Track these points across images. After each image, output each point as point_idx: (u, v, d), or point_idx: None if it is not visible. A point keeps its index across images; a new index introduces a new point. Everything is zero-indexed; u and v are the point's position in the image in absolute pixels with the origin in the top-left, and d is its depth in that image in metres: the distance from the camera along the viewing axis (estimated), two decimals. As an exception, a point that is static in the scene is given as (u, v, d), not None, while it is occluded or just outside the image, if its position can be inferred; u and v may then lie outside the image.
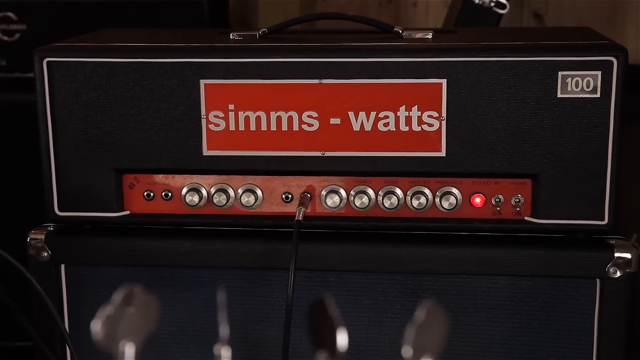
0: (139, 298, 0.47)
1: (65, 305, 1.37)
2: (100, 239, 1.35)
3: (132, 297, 0.47)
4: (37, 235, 1.35)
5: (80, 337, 1.37)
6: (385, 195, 1.30)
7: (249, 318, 1.34)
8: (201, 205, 1.34)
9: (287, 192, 1.33)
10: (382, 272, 1.30)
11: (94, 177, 1.32)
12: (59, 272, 1.36)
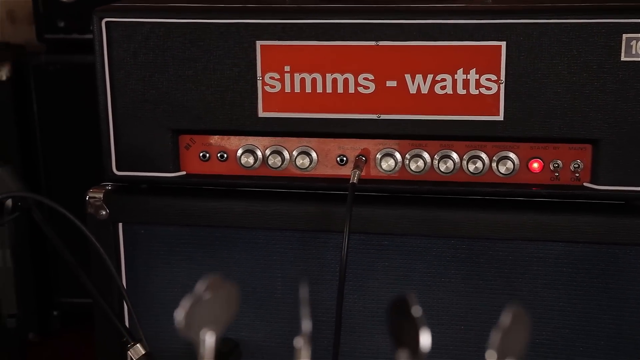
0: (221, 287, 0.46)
1: (122, 262, 1.38)
2: (157, 198, 1.35)
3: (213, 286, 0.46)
4: (96, 194, 1.35)
5: (137, 294, 1.38)
6: (440, 159, 1.28)
7: (303, 279, 1.33)
8: (256, 166, 1.33)
9: (342, 154, 1.31)
10: (436, 237, 1.28)
11: (151, 137, 1.32)
12: (116, 231, 1.37)
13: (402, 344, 0.43)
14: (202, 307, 0.45)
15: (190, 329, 0.44)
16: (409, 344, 0.43)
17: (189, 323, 0.44)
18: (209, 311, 0.45)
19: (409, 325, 0.43)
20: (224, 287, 0.46)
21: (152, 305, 1.39)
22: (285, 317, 1.35)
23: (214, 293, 0.45)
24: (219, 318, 0.46)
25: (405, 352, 0.43)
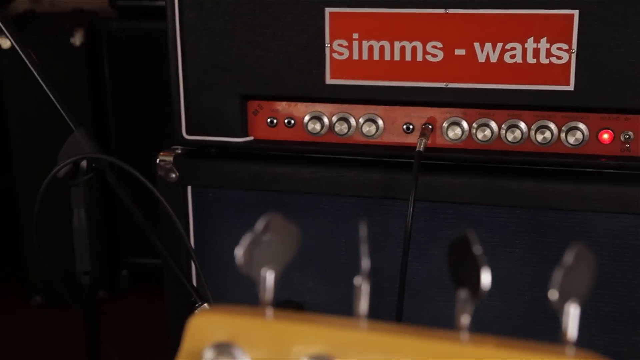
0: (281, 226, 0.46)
1: (190, 225, 1.40)
2: (225, 163, 1.36)
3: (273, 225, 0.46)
4: (166, 157, 1.37)
5: (204, 256, 1.40)
6: (508, 128, 1.26)
7: (367, 246, 1.33)
8: (322, 133, 1.33)
9: (409, 122, 1.30)
10: (502, 206, 1.27)
11: (220, 102, 1.33)
12: (185, 193, 1.39)
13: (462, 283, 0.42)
14: (261, 245, 0.45)
15: (249, 267, 0.45)
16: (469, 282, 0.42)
17: (248, 261, 0.45)
18: (269, 250, 0.45)
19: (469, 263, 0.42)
20: (284, 226, 0.46)
21: (218, 267, 1.41)
22: (348, 283, 1.35)
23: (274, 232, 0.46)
24: (279, 257, 0.46)
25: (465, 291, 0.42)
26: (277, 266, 0.46)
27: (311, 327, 0.43)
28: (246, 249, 0.45)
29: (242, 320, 0.44)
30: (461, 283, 0.43)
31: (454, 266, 0.43)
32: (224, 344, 0.44)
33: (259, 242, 0.45)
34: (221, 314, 0.44)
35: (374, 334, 0.43)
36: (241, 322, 0.44)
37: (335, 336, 0.43)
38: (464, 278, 0.43)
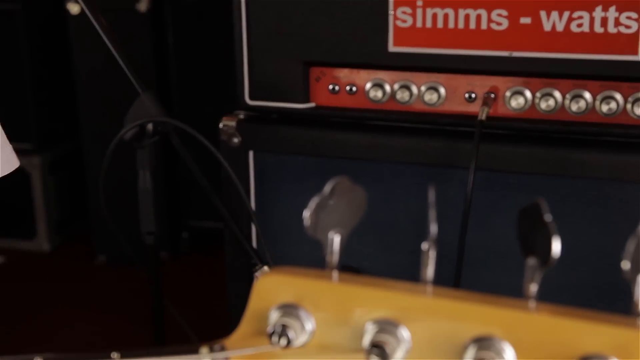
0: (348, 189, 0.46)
1: (251, 189, 1.41)
2: (287, 128, 1.36)
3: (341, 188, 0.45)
4: (229, 122, 1.38)
5: (264, 220, 1.41)
6: (572, 98, 1.22)
7: (425, 214, 1.32)
8: (384, 101, 1.32)
9: (471, 91, 1.28)
10: (563, 177, 1.24)
11: (283, 68, 1.33)
12: (247, 158, 1.39)
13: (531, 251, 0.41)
14: (329, 208, 0.44)
15: (316, 230, 0.44)
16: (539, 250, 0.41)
17: (316, 223, 0.44)
18: (336, 213, 0.45)
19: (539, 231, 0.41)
20: (352, 190, 0.46)
21: (278, 230, 1.41)
22: (406, 250, 1.35)
23: (341, 195, 0.45)
24: (345, 221, 0.46)
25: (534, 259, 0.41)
26: (343, 230, 0.46)
27: (377, 291, 0.42)
28: (314, 211, 0.44)
29: (307, 283, 0.44)
30: (530, 251, 0.42)
31: (524, 234, 0.42)
32: (289, 305, 0.44)
33: (327, 205, 0.45)
34: (287, 275, 0.44)
35: (440, 299, 0.42)
36: (307, 284, 0.44)
37: (401, 301, 0.42)
38: (533, 246, 0.42)
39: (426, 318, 0.42)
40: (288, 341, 0.43)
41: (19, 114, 2.57)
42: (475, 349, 0.40)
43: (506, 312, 0.40)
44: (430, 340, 0.42)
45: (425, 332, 0.42)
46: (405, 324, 0.42)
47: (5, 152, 0.83)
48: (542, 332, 0.40)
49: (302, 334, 0.43)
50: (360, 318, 0.42)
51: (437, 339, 0.42)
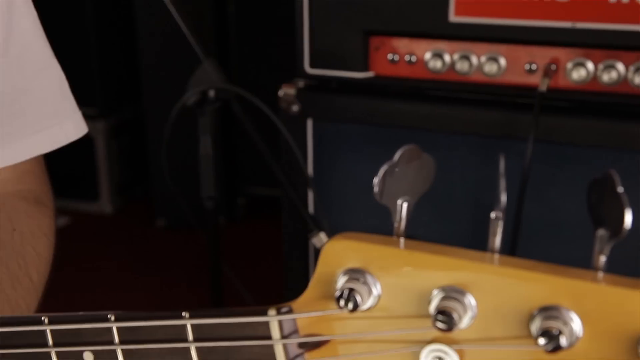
0: (417, 157, 0.45)
1: (309, 156, 1.41)
2: (345, 97, 1.35)
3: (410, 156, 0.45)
4: (289, 90, 1.37)
5: (321, 187, 1.41)
6: (637, 70, 1.19)
7: (481, 185, 1.31)
8: (443, 71, 1.30)
9: (532, 62, 1.25)
10: (624, 150, 1.21)
11: (343, 37, 1.32)
12: (305, 126, 1.39)
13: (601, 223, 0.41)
14: (397, 175, 0.44)
15: (384, 197, 0.44)
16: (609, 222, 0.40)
17: (384, 190, 0.44)
18: (404, 181, 0.45)
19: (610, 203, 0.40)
20: (421, 158, 0.45)
21: (335, 198, 1.41)
22: (461, 219, 1.34)
23: (409, 163, 0.45)
24: (413, 188, 0.45)
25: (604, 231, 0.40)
26: (411, 197, 0.46)
27: (444, 258, 0.42)
28: (382, 178, 0.44)
29: (375, 248, 0.44)
30: (601, 223, 0.41)
31: (594, 205, 0.41)
32: (356, 269, 0.44)
33: (395, 173, 0.44)
34: (355, 241, 0.44)
35: (507, 268, 0.41)
36: (374, 249, 0.44)
37: (468, 268, 0.42)
38: (603, 218, 0.41)
39: (493, 286, 0.41)
40: (355, 305, 0.43)
41: (85, 80, 2.60)
42: (542, 319, 0.40)
43: (574, 282, 0.40)
44: (496, 308, 0.41)
45: (492, 300, 0.41)
46: (471, 292, 0.41)
47: (75, 118, 0.85)
48: (610, 304, 0.39)
49: (369, 298, 0.43)
50: (426, 285, 0.42)
51: (503, 308, 0.41)
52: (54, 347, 0.52)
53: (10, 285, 0.72)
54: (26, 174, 0.82)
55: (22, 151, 0.80)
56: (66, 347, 0.51)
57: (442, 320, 0.41)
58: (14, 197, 0.80)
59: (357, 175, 1.39)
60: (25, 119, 0.79)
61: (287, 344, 0.46)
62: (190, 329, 0.48)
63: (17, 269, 0.73)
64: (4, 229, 0.76)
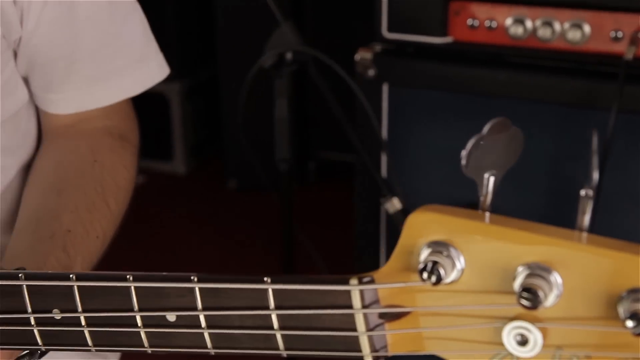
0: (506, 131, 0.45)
1: (384, 121, 1.40)
2: (423, 62, 1.34)
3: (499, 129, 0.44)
4: (365, 54, 1.36)
5: (395, 153, 1.40)
6: None
7: (561, 155, 1.28)
8: (524, 37, 1.27)
9: (618, 29, 1.21)
10: None
11: (423, 1, 1.29)
12: (381, 91, 1.38)
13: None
14: (485, 148, 0.44)
15: (471, 169, 0.44)
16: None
17: (471, 163, 0.44)
18: (492, 153, 0.44)
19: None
20: (509, 131, 0.45)
21: (408, 164, 1.40)
22: (538, 191, 1.31)
23: (498, 136, 0.44)
24: (501, 161, 0.45)
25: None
26: (498, 171, 0.45)
27: (531, 235, 0.41)
28: (470, 150, 0.43)
29: (460, 221, 0.43)
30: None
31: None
32: (440, 242, 0.44)
33: (484, 146, 0.44)
34: (440, 213, 0.44)
35: (596, 247, 0.41)
36: (459, 223, 0.43)
37: (555, 246, 0.41)
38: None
39: (581, 265, 0.40)
40: (438, 279, 0.43)
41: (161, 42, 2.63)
42: (630, 301, 0.39)
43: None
44: (583, 288, 0.41)
45: (578, 279, 0.41)
46: (558, 270, 0.41)
47: (158, 59, 0.88)
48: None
49: (452, 272, 0.43)
50: (512, 261, 0.42)
51: (590, 288, 0.40)
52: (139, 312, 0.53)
53: (86, 208, 0.75)
54: (113, 111, 0.85)
55: (113, 94, 0.83)
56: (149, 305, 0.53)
57: (527, 298, 0.41)
58: (100, 132, 0.84)
59: (431, 142, 1.37)
60: (115, 62, 0.82)
61: (368, 313, 0.46)
62: (272, 295, 0.49)
63: (94, 194, 0.77)
64: (85, 160, 0.80)
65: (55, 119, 0.84)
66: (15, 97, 0.82)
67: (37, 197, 0.78)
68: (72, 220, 0.74)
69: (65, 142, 0.83)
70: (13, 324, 0.57)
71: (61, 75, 0.81)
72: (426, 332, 0.45)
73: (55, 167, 0.81)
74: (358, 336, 0.47)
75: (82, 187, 0.77)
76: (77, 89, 0.82)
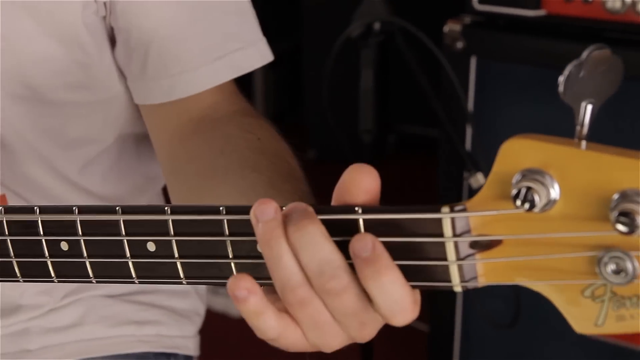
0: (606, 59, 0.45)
1: (471, 95, 1.39)
2: (514, 36, 1.33)
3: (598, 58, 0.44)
4: (454, 26, 1.36)
5: (481, 127, 1.39)
6: None
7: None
8: (622, 11, 1.24)
9: None
10: None
11: (517, -28, 1.29)
12: (468, 64, 1.38)
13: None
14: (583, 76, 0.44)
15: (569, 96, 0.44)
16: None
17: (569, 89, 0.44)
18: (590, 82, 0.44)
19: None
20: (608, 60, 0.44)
21: (494, 139, 1.39)
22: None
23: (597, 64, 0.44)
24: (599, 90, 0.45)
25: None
26: (596, 100, 0.45)
27: (628, 161, 0.41)
28: (567, 76, 0.44)
29: (555, 148, 0.43)
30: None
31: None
32: (535, 170, 0.44)
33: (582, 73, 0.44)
34: (535, 140, 0.44)
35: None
36: (555, 149, 0.43)
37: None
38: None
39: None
40: (531, 205, 0.43)
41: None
42: None
43: None
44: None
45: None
46: (656, 197, 0.41)
47: (260, 44, 0.86)
48: None
49: (546, 200, 0.43)
50: (608, 187, 0.42)
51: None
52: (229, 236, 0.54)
53: (282, 180, 0.71)
54: (233, 94, 0.82)
55: (225, 73, 0.80)
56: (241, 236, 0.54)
57: (623, 223, 0.41)
58: (236, 115, 0.79)
59: (519, 117, 1.36)
60: (212, 41, 0.79)
61: (459, 242, 0.47)
62: (362, 224, 0.50)
63: (280, 162, 0.74)
64: (249, 140, 0.75)
65: (178, 116, 0.79)
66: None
67: (239, 182, 0.71)
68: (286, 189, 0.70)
69: (212, 133, 0.77)
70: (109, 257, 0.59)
71: (175, 56, 0.77)
72: (517, 261, 0.46)
73: (227, 155, 0.74)
74: (448, 265, 0.48)
75: (264, 163, 0.72)
76: (191, 70, 0.77)
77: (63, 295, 0.88)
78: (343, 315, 0.49)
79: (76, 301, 0.89)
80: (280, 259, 0.49)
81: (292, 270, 0.49)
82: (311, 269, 0.49)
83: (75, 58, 0.78)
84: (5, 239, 0.61)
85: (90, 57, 0.78)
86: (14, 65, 0.76)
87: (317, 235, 0.48)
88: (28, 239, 0.60)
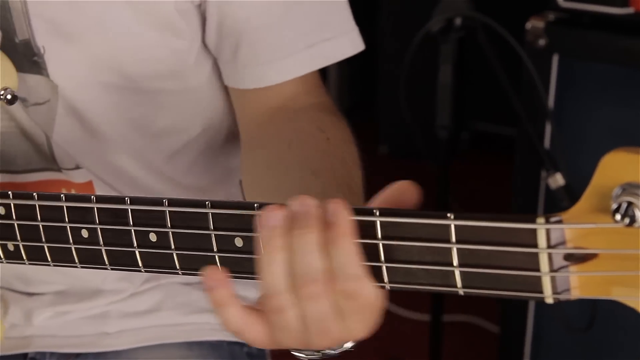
0: None
1: (552, 93, 1.37)
2: (599, 34, 1.30)
3: None
4: (537, 23, 1.34)
5: (562, 127, 1.37)
6: None
7: None
8: None
9: None
10: None
11: (605, -31, 1.26)
12: (550, 62, 1.36)
13: None
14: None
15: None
16: None
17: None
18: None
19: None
20: None
21: (575, 140, 1.37)
22: None
23: None
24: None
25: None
26: None
27: None
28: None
29: (659, 164, 0.43)
30: None
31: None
32: (636, 184, 0.44)
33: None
34: (638, 154, 0.44)
35: None
36: (658, 165, 0.43)
37: None
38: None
39: None
40: (632, 220, 0.43)
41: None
42: None
43: None
44: None
45: None
46: None
47: (352, 34, 0.84)
48: None
49: (647, 215, 0.43)
50: None
51: None
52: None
53: (336, 188, 0.70)
54: (315, 86, 0.82)
55: (307, 63, 0.80)
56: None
57: None
58: (313, 109, 0.79)
59: (602, 118, 1.34)
60: (304, 30, 0.79)
61: (553, 254, 0.47)
62: (454, 230, 0.50)
63: (341, 169, 0.73)
64: (318, 139, 0.75)
65: (259, 102, 0.79)
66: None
67: (296, 182, 0.71)
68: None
69: (285, 125, 0.77)
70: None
71: (267, 45, 0.77)
72: (614, 276, 0.45)
73: (293, 149, 0.74)
74: (541, 276, 0.47)
75: (332, 171, 0.72)
76: (281, 59, 0.78)
77: (143, 281, 0.90)
78: (315, 321, 0.53)
79: (155, 287, 0.91)
80: (270, 265, 0.53)
81: (278, 278, 0.53)
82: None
83: (169, 45, 0.79)
84: (95, 227, 0.63)
85: (184, 44, 0.80)
86: (110, 54, 0.78)
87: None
88: (118, 228, 0.62)
